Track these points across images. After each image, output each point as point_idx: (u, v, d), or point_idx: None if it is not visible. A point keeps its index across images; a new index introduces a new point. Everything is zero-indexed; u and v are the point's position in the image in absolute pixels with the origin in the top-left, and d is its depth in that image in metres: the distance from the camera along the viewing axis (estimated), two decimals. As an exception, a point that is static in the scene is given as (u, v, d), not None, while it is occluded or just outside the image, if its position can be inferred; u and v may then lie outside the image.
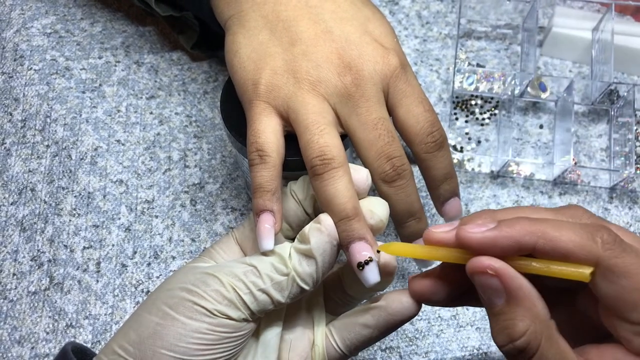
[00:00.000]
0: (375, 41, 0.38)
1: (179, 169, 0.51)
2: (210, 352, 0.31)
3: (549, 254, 0.27)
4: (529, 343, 0.27)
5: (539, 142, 0.52)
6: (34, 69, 0.54)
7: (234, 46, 0.38)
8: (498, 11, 0.56)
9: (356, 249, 0.33)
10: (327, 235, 0.32)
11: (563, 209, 0.30)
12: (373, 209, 0.35)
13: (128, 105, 0.53)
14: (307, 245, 0.32)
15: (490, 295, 0.28)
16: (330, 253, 0.33)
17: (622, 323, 0.27)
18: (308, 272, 0.32)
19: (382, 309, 0.34)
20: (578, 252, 0.27)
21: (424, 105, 0.39)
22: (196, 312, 0.31)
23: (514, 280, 0.27)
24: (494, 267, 0.27)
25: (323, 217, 0.33)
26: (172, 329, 0.31)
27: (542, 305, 0.28)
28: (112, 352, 0.32)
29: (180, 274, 0.33)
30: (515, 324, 0.27)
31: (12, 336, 0.45)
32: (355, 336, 0.35)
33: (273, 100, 0.37)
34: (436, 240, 0.30)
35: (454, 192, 0.41)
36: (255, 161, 0.35)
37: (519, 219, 0.28)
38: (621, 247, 0.27)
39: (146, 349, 0.31)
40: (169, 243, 0.48)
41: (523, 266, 0.28)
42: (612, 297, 0.27)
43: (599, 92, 0.51)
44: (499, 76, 0.52)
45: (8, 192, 0.50)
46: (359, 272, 0.33)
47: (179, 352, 0.30)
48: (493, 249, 0.28)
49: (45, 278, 0.47)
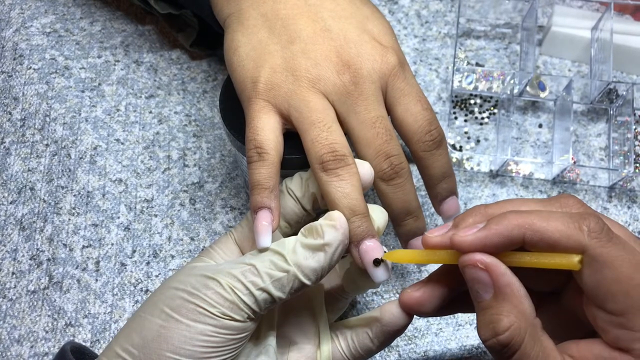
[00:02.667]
0: (374, 40, 0.38)
1: (178, 168, 0.51)
2: (215, 354, 0.31)
3: (537, 245, 0.28)
4: (512, 339, 0.28)
5: (538, 141, 0.52)
6: (33, 68, 0.55)
7: (233, 44, 0.38)
8: (497, 10, 0.56)
9: (371, 246, 0.34)
10: (342, 233, 0.33)
11: (554, 199, 0.31)
12: (373, 215, 0.35)
13: (127, 104, 0.53)
14: (319, 240, 0.32)
15: (479, 289, 0.29)
16: (342, 250, 0.33)
17: (600, 313, 0.28)
18: (313, 267, 0.32)
19: (378, 319, 0.35)
20: (565, 242, 0.27)
21: (422, 103, 0.39)
22: (200, 315, 0.31)
23: (502, 277, 0.28)
24: (484, 261, 0.28)
25: (336, 214, 0.33)
26: (177, 332, 0.31)
27: (529, 304, 0.28)
28: (115, 355, 0.31)
29: (180, 276, 0.33)
30: (500, 319, 0.28)
31: (11, 335, 0.45)
32: (361, 346, 0.36)
33: (273, 99, 0.37)
34: (432, 244, 0.30)
35: (451, 191, 0.41)
36: (254, 158, 0.35)
37: (506, 214, 0.28)
38: (607, 237, 0.27)
39: (151, 352, 0.31)
40: (168, 242, 0.48)
41: (515, 260, 0.28)
42: (593, 286, 0.27)
43: (598, 91, 0.51)
44: (498, 75, 0.52)
45: (7, 191, 0.50)
46: (372, 269, 0.34)
47: (185, 355, 0.30)
48: (485, 248, 0.28)
49: (44, 277, 0.47)
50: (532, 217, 0.28)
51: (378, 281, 0.34)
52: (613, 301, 0.27)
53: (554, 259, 0.27)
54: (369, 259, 0.34)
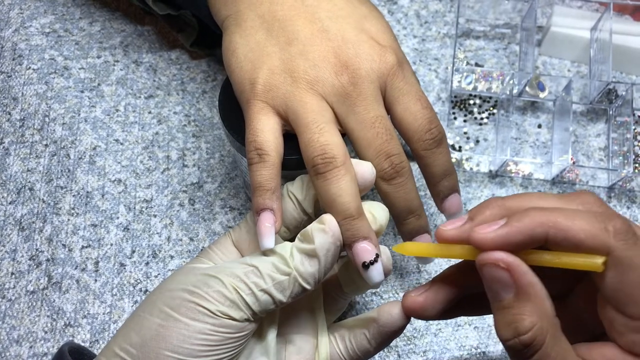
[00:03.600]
0: (372, 39, 0.38)
1: (177, 169, 0.51)
2: (214, 353, 0.31)
3: (560, 244, 0.27)
4: (535, 339, 0.27)
5: (537, 141, 0.52)
6: (33, 68, 0.55)
7: (231, 46, 0.38)
8: (496, 10, 0.56)
9: (361, 249, 0.34)
10: (332, 236, 0.33)
11: (572, 196, 0.30)
12: (375, 213, 0.35)
13: (127, 104, 0.53)
14: (311, 245, 0.32)
15: (499, 289, 0.28)
16: (334, 253, 0.33)
17: (618, 316, 0.27)
18: (310, 271, 0.32)
19: (375, 320, 0.35)
20: (590, 242, 0.26)
21: (422, 102, 0.38)
22: (199, 313, 0.31)
23: (525, 276, 0.27)
24: (506, 260, 0.27)
25: (327, 217, 0.33)
26: (176, 331, 0.31)
27: (550, 304, 0.28)
28: (114, 355, 0.31)
29: (179, 275, 0.33)
30: (523, 319, 0.27)
31: (10, 335, 0.45)
32: (358, 347, 0.36)
33: (271, 100, 0.37)
34: (447, 238, 0.30)
35: (453, 189, 0.41)
36: (254, 160, 0.35)
37: (528, 211, 0.28)
38: (634, 239, 0.26)
39: (149, 351, 0.31)
40: (167, 242, 0.48)
41: (535, 259, 0.28)
42: (615, 288, 0.27)
43: (598, 92, 0.51)
44: (497, 75, 0.52)
45: (6, 192, 0.50)
46: (363, 272, 0.34)
47: (183, 353, 0.30)
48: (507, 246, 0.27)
49: (43, 277, 0.47)
50: (556, 215, 0.27)
51: (372, 283, 0.34)
52: (635, 305, 0.26)
53: (576, 260, 0.27)
54: (358, 261, 0.34)
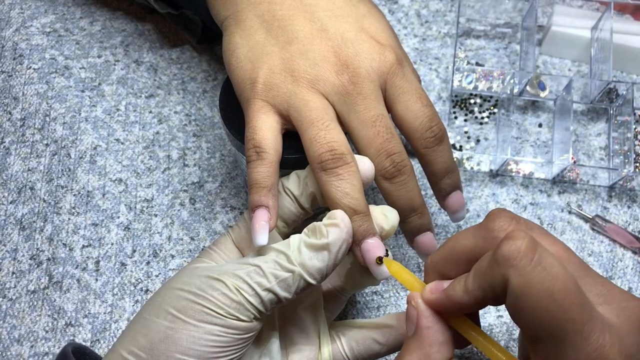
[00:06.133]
0: (372, 38, 0.38)
1: (178, 168, 0.51)
2: (223, 354, 0.31)
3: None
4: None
5: (538, 140, 0.52)
6: (33, 67, 0.55)
7: (231, 46, 0.38)
8: (497, 10, 0.56)
9: (372, 245, 0.34)
10: (346, 232, 0.33)
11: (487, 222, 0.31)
12: (387, 214, 0.36)
13: (127, 104, 0.53)
14: (323, 240, 0.32)
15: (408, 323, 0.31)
16: (345, 249, 0.33)
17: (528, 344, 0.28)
18: (318, 267, 0.32)
19: (394, 329, 0.37)
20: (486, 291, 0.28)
21: (422, 100, 0.38)
22: (206, 315, 0.31)
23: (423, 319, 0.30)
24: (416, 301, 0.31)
25: (339, 213, 0.33)
26: (185, 333, 0.31)
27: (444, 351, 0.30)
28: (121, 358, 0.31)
29: (182, 277, 0.33)
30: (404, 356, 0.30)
31: (11, 335, 0.45)
32: (365, 349, 0.37)
33: (272, 99, 0.37)
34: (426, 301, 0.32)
35: (455, 186, 0.40)
36: (252, 157, 0.35)
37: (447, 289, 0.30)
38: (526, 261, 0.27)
39: (159, 354, 0.31)
40: (168, 242, 0.48)
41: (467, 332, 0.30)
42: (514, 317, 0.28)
43: (598, 91, 0.51)
44: (498, 75, 0.52)
45: (7, 191, 0.50)
46: (375, 267, 0.34)
47: (194, 355, 0.30)
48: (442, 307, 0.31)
49: (44, 277, 0.47)
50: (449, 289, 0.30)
51: (381, 278, 0.34)
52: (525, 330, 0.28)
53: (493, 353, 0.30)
54: (371, 258, 0.34)
